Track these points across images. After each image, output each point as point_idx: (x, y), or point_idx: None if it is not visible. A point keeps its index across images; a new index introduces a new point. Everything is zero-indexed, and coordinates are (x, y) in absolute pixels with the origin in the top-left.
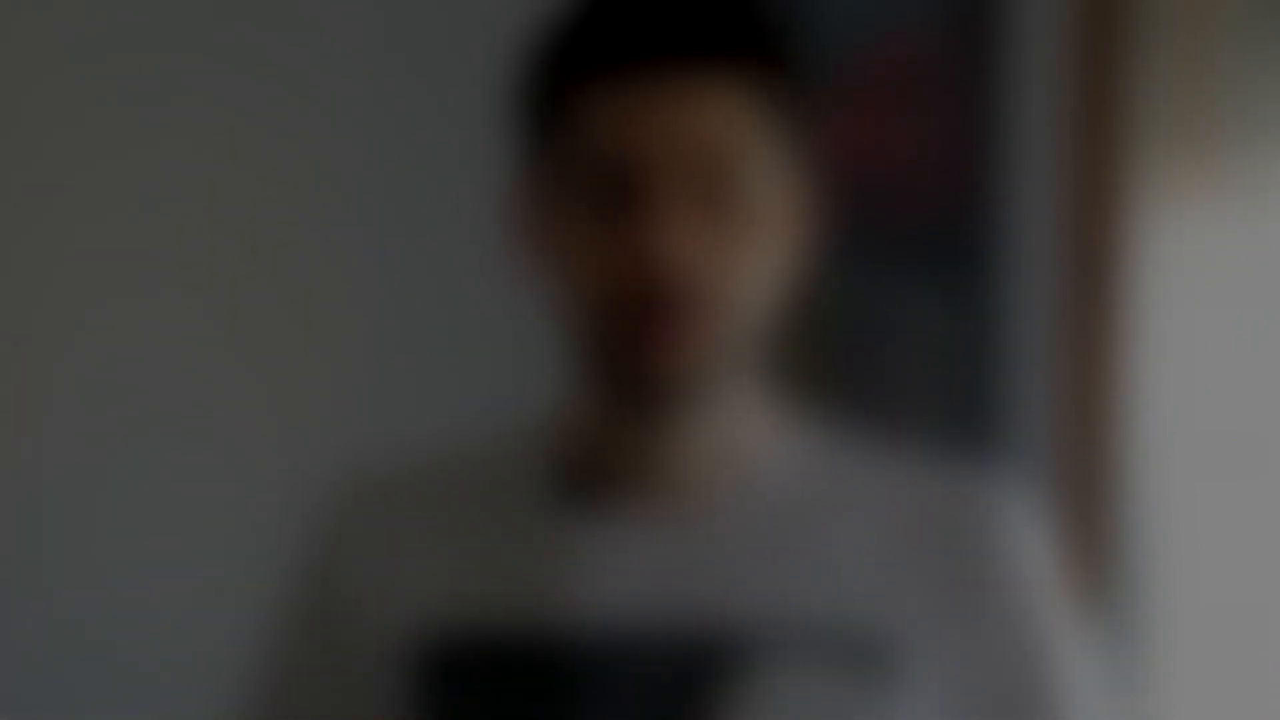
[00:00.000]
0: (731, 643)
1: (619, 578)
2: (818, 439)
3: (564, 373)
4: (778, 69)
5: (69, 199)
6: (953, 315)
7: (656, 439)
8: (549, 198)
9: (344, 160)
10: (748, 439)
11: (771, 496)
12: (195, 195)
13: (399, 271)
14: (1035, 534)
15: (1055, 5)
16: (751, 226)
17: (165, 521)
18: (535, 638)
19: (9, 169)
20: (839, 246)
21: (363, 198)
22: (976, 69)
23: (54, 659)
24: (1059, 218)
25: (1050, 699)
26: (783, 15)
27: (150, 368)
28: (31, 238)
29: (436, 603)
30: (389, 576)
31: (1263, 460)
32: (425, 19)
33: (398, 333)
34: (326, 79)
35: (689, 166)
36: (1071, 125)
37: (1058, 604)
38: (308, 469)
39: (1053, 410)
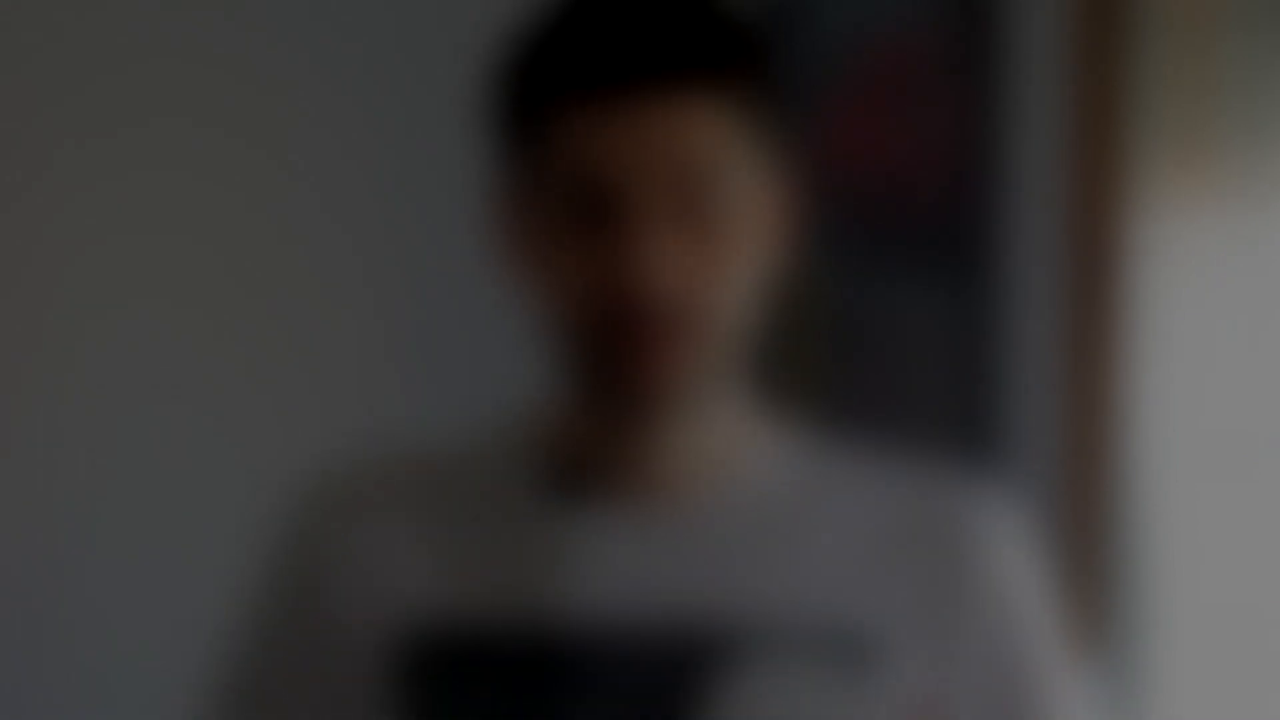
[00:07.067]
0: (717, 639)
1: (606, 575)
2: (804, 440)
3: (549, 373)
4: (752, 81)
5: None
6: (953, 315)
7: (642, 442)
8: (527, 211)
9: (334, 166)
10: (734, 439)
11: (758, 495)
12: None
13: (385, 274)
14: (1020, 544)
15: (1055, 5)
16: (731, 240)
17: (147, 519)
18: (522, 635)
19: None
20: (838, 247)
21: (352, 203)
22: (976, 69)
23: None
24: (1059, 218)
25: (1029, 709)
26: (753, 25)
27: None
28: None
29: (421, 600)
30: (373, 573)
31: (1263, 460)
32: (412, 21)
33: (382, 334)
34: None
35: (665, 185)
36: (1071, 125)
37: (1040, 616)
38: (290, 468)
39: (1053, 410)
